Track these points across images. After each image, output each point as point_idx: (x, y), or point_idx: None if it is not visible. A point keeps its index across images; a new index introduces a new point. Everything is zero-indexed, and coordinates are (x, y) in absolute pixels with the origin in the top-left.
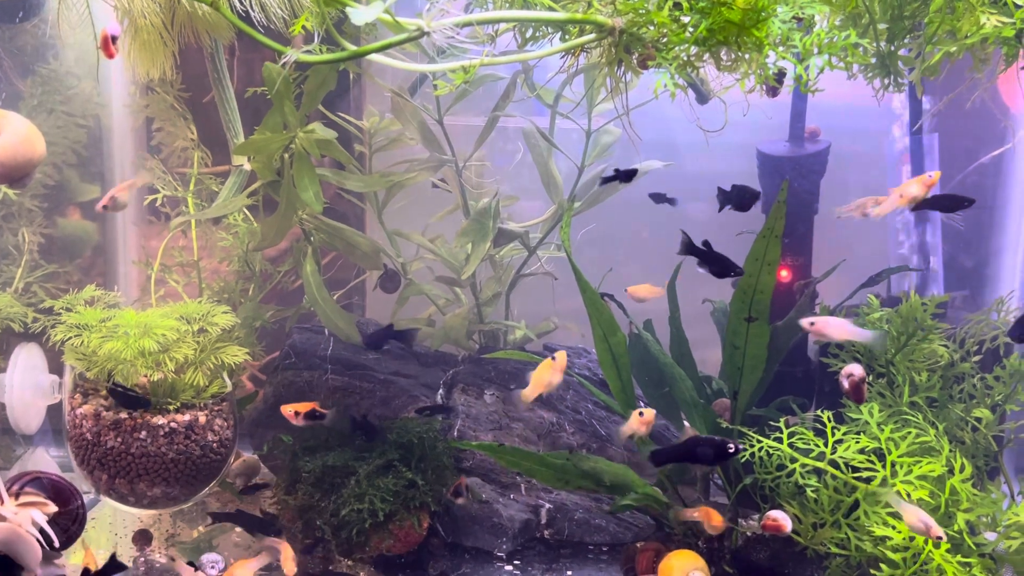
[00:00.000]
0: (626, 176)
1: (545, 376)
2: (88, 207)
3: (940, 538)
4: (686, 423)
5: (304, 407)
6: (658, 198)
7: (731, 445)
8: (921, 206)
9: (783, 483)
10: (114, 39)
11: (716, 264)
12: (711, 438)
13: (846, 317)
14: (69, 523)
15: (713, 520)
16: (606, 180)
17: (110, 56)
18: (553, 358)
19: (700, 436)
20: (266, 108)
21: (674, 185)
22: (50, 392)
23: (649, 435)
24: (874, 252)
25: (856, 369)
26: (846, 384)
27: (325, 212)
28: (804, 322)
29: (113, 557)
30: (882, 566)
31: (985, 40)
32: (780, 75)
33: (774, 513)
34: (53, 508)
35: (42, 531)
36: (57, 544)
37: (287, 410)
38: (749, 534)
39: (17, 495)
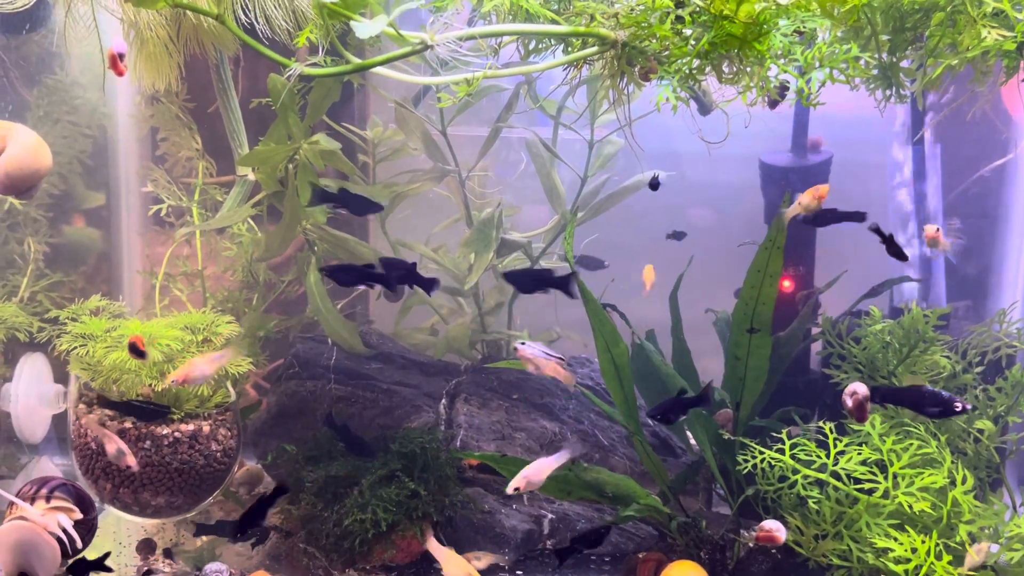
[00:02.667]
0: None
1: None
2: (93, 215)
3: None
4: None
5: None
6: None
7: (959, 404)
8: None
9: (785, 494)
10: (121, 56)
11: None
12: (939, 392)
13: (847, 327)
14: (84, 532)
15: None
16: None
17: (119, 74)
18: None
19: (927, 388)
20: (270, 118)
21: (677, 195)
22: (55, 402)
23: (650, 444)
24: (876, 263)
25: (860, 388)
26: (849, 402)
27: (329, 222)
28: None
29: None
30: None
31: (986, 53)
32: (783, 88)
33: (767, 523)
34: (78, 515)
35: (68, 536)
36: (81, 546)
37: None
38: (751, 545)
39: (48, 498)
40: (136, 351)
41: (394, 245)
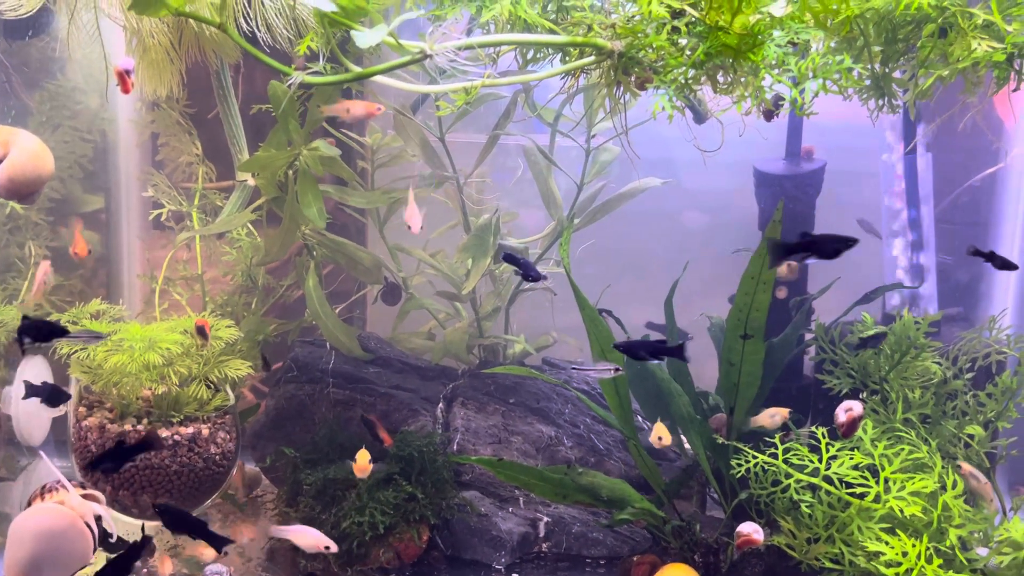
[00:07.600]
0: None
1: None
2: (91, 218)
3: None
4: None
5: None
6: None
7: None
8: None
9: (778, 498)
10: (128, 73)
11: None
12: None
13: (840, 334)
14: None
15: None
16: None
17: (126, 91)
18: None
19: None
20: (269, 123)
21: (672, 201)
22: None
23: (648, 451)
24: (869, 270)
25: (856, 406)
26: (843, 417)
27: (327, 226)
28: None
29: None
30: None
31: (977, 64)
32: (777, 100)
33: (743, 527)
34: (106, 509)
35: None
36: (113, 539)
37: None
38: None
39: (83, 485)
40: (202, 334)
41: (392, 250)
